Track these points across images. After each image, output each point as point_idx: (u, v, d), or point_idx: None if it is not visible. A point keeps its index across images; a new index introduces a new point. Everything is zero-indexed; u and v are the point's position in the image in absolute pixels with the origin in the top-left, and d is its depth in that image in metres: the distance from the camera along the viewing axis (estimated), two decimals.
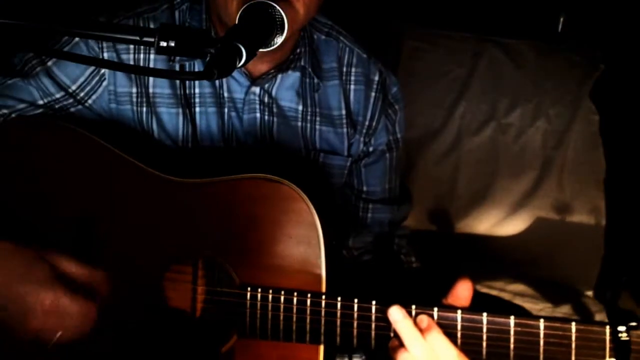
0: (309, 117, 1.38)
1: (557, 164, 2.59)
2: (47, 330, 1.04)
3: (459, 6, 2.72)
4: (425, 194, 2.57)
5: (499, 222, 2.58)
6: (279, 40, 1.08)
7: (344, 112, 1.40)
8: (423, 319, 1.05)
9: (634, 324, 1.02)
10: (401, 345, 1.05)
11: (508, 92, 2.63)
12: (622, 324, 1.02)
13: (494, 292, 2.34)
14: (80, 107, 1.31)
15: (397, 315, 1.06)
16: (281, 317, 1.11)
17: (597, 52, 2.64)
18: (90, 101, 1.31)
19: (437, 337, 1.04)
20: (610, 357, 1.03)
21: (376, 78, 1.43)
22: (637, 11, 2.54)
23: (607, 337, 1.02)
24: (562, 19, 2.75)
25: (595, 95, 2.61)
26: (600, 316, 2.22)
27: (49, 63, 1.29)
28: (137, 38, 0.87)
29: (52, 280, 1.04)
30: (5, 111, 1.27)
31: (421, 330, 1.04)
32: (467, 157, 2.61)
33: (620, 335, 1.01)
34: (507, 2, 2.71)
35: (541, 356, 1.04)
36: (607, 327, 1.02)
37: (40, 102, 1.29)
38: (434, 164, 2.61)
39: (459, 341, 1.06)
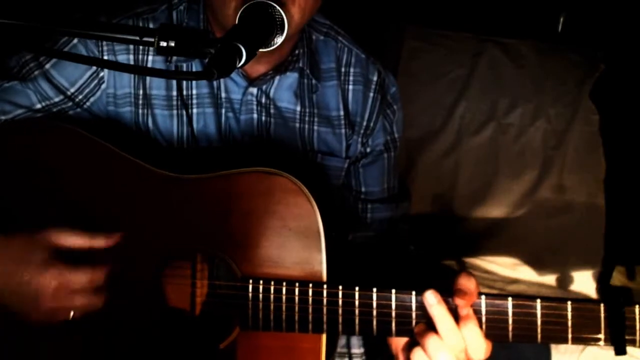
0: (307, 118, 1.38)
1: (557, 164, 2.59)
2: (60, 308, 1.06)
3: (459, 6, 2.72)
4: (425, 193, 2.57)
5: (499, 222, 2.58)
6: (279, 40, 1.09)
7: (342, 112, 1.40)
8: (463, 309, 1.06)
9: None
10: (430, 330, 1.06)
11: (508, 92, 2.63)
12: (616, 301, 1.05)
13: (494, 292, 2.34)
14: (78, 109, 1.31)
15: (432, 299, 1.06)
16: (283, 308, 1.13)
17: (597, 52, 2.65)
18: (88, 103, 1.31)
19: (473, 329, 1.05)
20: (605, 333, 1.06)
21: (375, 78, 1.43)
22: (637, 11, 2.54)
23: (602, 314, 1.06)
24: (562, 19, 2.75)
25: (595, 95, 2.61)
26: None
27: (47, 66, 1.28)
28: (137, 38, 0.87)
29: (51, 259, 1.05)
30: (2, 117, 1.27)
31: (457, 318, 1.05)
32: (467, 157, 2.61)
33: (614, 311, 1.04)
34: (507, 2, 2.71)
35: (539, 335, 1.07)
36: (602, 304, 1.06)
37: (38, 105, 1.28)
38: (434, 163, 2.61)
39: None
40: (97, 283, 1.08)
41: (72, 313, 1.07)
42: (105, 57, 1.29)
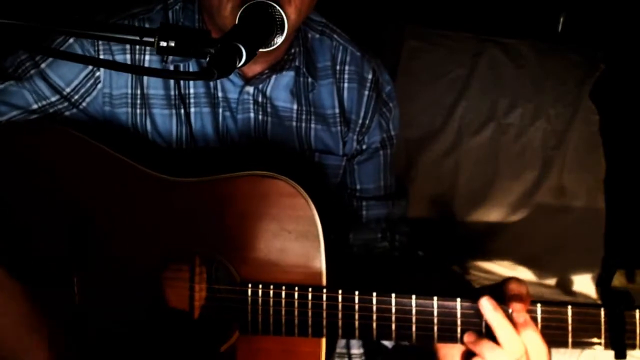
0: (303, 117, 1.38)
1: (557, 164, 2.59)
2: None
3: (459, 6, 2.72)
4: (425, 193, 2.56)
5: (498, 222, 2.58)
6: (279, 40, 1.09)
7: (337, 110, 1.40)
8: (520, 314, 1.05)
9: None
10: (483, 337, 1.06)
11: (508, 92, 2.62)
12: (616, 306, 1.05)
13: None
14: (74, 110, 1.30)
15: (488, 305, 1.05)
16: (283, 312, 1.12)
17: (597, 52, 2.64)
18: (84, 104, 1.30)
19: (534, 335, 1.04)
20: (605, 337, 1.06)
21: (369, 76, 1.44)
22: (637, 11, 2.54)
23: (602, 319, 1.06)
24: (562, 19, 2.75)
25: (595, 95, 2.61)
26: None
27: (43, 65, 1.28)
28: (137, 38, 0.87)
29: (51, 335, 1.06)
30: None
31: (515, 325, 1.04)
32: (467, 157, 2.60)
33: (614, 316, 1.05)
34: (507, 2, 2.71)
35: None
36: (602, 309, 1.06)
37: (35, 106, 1.28)
38: (434, 163, 2.60)
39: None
40: None
41: None
42: (102, 57, 1.29)
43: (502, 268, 2.48)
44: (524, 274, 2.47)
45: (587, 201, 2.55)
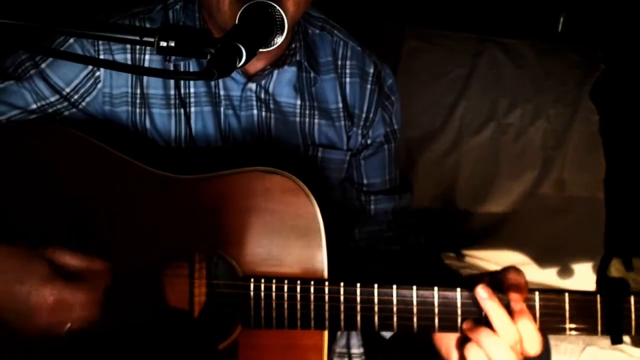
0: (307, 112, 1.39)
1: (557, 164, 2.59)
2: (55, 324, 1.04)
3: (459, 6, 2.72)
4: (425, 193, 2.57)
5: (499, 222, 2.58)
6: (279, 40, 1.09)
7: (340, 105, 1.41)
8: (517, 303, 1.06)
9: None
10: (480, 325, 1.07)
11: (508, 92, 2.63)
12: (613, 293, 1.07)
13: None
14: (74, 110, 1.31)
15: (483, 293, 1.07)
16: (285, 306, 1.13)
17: (597, 52, 2.65)
18: (84, 103, 1.31)
19: (529, 324, 1.06)
20: (601, 324, 1.07)
21: (371, 70, 1.45)
22: (637, 11, 2.54)
23: (599, 305, 1.07)
24: (562, 19, 2.75)
25: (595, 95, 2.61)
26: None
27: (43, 65, 1.28)
28: (137, 38, 0.87)
29: (51, 275, 1.04)
30: None
31: (512, 313, 1.06)
32: (467, 157, 2.61)
33: (610, 302, 1.06)
34: (507, 2, 2.71)
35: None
36: (598, 295, 1.08)
37: (34, 106, 1.28)
38: (434, 163, 2.61)
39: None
40: (94, 300, 1.07)
41: (67, 327, 1.05)
42: (102, 57, 1.30)
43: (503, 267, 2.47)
44: (525, 272, 2.47)
45: (587, 201, 2.56)
